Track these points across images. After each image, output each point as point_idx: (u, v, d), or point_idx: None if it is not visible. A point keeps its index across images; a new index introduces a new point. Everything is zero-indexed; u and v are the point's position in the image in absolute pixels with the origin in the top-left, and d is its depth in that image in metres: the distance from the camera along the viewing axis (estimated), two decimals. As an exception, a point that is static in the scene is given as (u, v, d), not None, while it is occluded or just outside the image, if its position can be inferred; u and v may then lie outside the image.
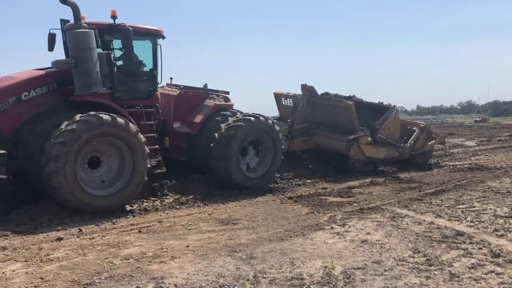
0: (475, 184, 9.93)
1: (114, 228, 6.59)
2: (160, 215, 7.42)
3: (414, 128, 13.57)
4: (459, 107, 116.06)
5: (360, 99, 13.21)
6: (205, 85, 10.90)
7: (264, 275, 4.48)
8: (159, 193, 8.74)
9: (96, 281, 4.36)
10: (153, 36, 9.18)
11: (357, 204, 8.00)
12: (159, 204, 8.11)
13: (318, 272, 4.58)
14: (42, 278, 4.46)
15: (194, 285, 4.24)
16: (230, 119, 9.56)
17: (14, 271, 4.73)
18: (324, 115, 12.73)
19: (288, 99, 13.71)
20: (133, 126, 7.77)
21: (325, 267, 4.71)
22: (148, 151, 7.97)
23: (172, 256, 5.12)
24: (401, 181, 10.74)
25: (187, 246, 5.52)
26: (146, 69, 9.28)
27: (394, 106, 13.07)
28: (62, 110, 7.92)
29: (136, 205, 8.01)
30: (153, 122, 9.01)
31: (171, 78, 10.82)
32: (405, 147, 12.78)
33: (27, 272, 4.67)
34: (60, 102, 8.16)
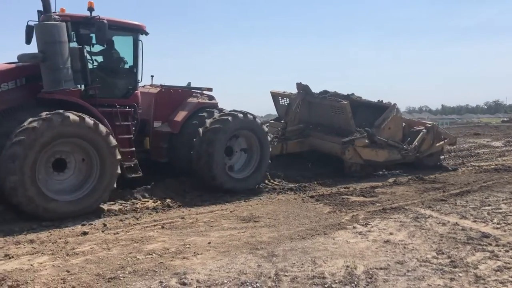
0: (502, 185, 9.72)
1: (137, 223, 6.68)
2: (183, 212, 7.50)
3: (420, 128, 12.69)
4: (485, 107, 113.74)
5: (359, 98, 12.49)
6: (189, 84, 10.31)
7: (286, 273, 4.49)
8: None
9: (120, 275, 4.44)
10: (134, 31, 8.69)
11: (379, 204, 7.93)
12: (181, 201, 8.18)
13: (340, 271, 4.57)
14: (68, 271, 4.56)
15: (216, 281, 4.28)
16: (216, 114, 9.09)
17: (41, 263, 4.85)
18: (320, 116, 12.04)
19: (284, 98, 12.99)
20: (103, 128, 7.23)
21: (347, 266, 4.68)
22: (119, 155, 7.40)
23: (194, 252, 5.17)
24: (425, 181, 10.58)
25: (209, 243, 5.56)
26: (126, 66, 8.81)
27: (394, 104, 12.14)
28: (30, 107, 7.41)
29: (158, 202, 8.07)
30: (130, 123, 8.44)
31: (152, 76, 10.25)
32: (409, 149, 11.96)
33: (53, 265, 4.78)
34: (29, 99, 7.62)
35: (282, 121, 12.11)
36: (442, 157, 13.53)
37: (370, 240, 5.68)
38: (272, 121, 13.43)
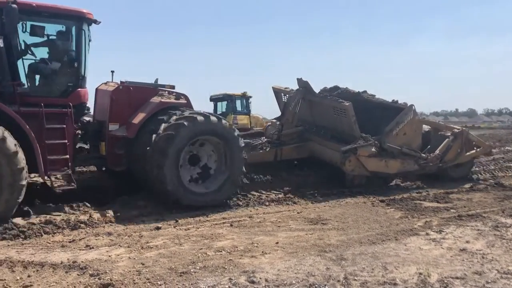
0: None
1: (207, 220, 6.86)
2: (250, 211, 7.59)
3: (447, 134, 10.81)
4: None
5: (371, 96, 10.68)
6: (156, 80, 8.87)
7: (355, 278, 4.40)
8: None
9: (192, 270, 4.57)
10: (75, 19, 7.49)
11: (455, 211, 7.55)
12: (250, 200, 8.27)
13: (413, 278, 4.40)
14: (143, 264, 4.77)
15: (285, 282, 4.28)
16: (172, 118, 7.63)
17: (118, 255, 5.12)
18: (323, 117, 10.51)
19: (287, 95, 11.28)
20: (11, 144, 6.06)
21: (420, 273, 4.51)
22: (23, 165, 6.19)
23: (262, 252, 5.21)
24: (505, 188, 9.92)
25: (277, 243, 5.58)
26: (65, 60, 7.57)
27: (411, 106, 10.14)
28: None
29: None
30: (64, 126, 7.17)
31: (112, 72, 8.82)
32: (429, 158, 10.11)
33: (129, 257, 5.03)
34: None
35: (278, 122, 10.73)
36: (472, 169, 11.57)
37: (444, 248, 5.42)
38: (274, 120, 11.68)
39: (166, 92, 8.48)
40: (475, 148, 11.15)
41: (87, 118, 8.23)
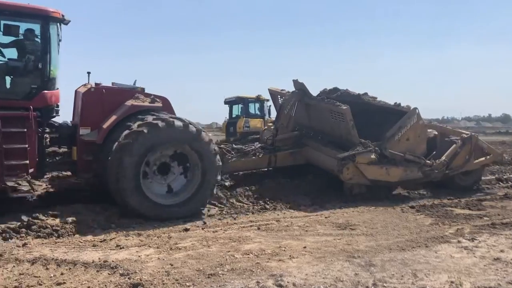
0: None
1: (235, 223, 6.89)
2: (278, 215, 7.58)
3: (455, 139, 10.02)
4: None
5: (372, 99, 9.97)
6: (134, 83, 8.37)
7: (384, 284, 4.34)
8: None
9: (219, 272, 4.60)
10: (40, 18, 7.17)
11: (488, 218, 7.34)
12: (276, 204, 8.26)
13: (444, 286, 4.31)
14: (171, 265, 4.83)
15: (312, 286, 4.26)
16: (134, 125, 7.08)
17: (148, 255, 5.20)
18: (320, 121, 9.89)
19: (283, 97, 10.75)
20: None
21: (452, 282, 4.41)
22: None
23: (290, 256, 5.20)
24: (542, 196, 9.59)
25: (305, 247, 5.56)
26: (29, 61, 7.22)
27: (415, 109, 9.42)
28: None
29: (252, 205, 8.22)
30: (25, 130, 6.75)
31: (88, 73, 8.35)
32: (435, 165, 9.32)
33: (158, 258, 5.10)
34: None
35: (272, 127, 10.23)
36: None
37: (477, 257, 5.28)
38: (270, 124, 11.15)
39: (142, 95, 7.92)
40: (485, 155, 10.33)
41: (59, 121, 7.87)
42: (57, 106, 7.71)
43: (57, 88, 7.64)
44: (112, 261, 4.91)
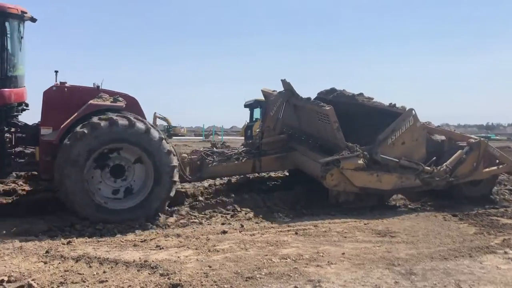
0: None
1: (272, 227, 6.89)
2: (316, 220, 7.52)
3: (462, 144, 9.13)
4: None
5: (367, 99, 9.19)
6: (101, 83, 8.06)
7: (426, 294, 4.23)
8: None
9: (257, 276, 4.61)
10: None
11: (537, 229, 7.02)
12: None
13: (489, 299, 4.16)
14: (210, 266, 4.88)
15: (351, 293, 4.20)
16: (79, 127, 6.79)
17: (187, 256, 5.27)
18: (309, 124, 9.21)
19: (270, 98, 10.07)
20: None
21: (498, 294, 4.24)
22: None
23: (328, 261, 5.14)
24: None
25: (343, 254, 5.49)
26: None
27: (411, 110, 8.48)
28: None
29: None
30: None
31: (56, 72, 8.00)
32: (435, 172, 8.49)
33: (197, 259, 5.16)
34: None
35: (257, 130, 9.84)
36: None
37: (525, 269, 5.07)
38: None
39: (107, 94, 7.52)
40: (497, 164, 9.27)
41: (23, 121, 7.77)
42: (23, 105, 7.73)
43: (23, 87, 7.64)
44: (152, 261, 5.01)
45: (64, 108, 7.27)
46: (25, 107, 7.89)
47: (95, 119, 6.79)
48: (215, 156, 9.17)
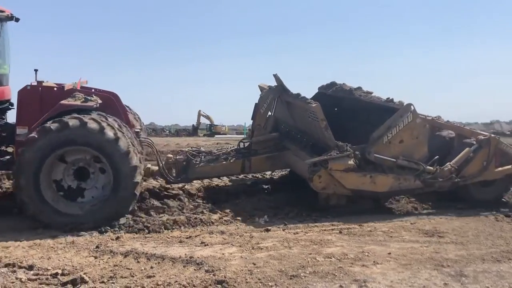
0: None
1: (316, 226, 6.83)
2: (360, 219, 7.39)
3: (470, 141, 8.36)
4: None
5: (365, 94, 8.61)
6: (79, 80, 8.05)
7: (478, 297, 4.08)
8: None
9: (301, 274, 4.59)
10: None
11: None
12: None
13: (547, 304, 3.96)
14: (254, 264, 4.90)
15: (398, 294, 4.11)
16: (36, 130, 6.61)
17: (231, 253, 5.32)
18: (302, 121, 8.62)
19: (260, 94, 9.56)
20: None
21: (556, 299, 4.04)
22: None
23: (374, 261, 5.05)
24: None
25: (389, 253, 5.37)
26: None
27: (409, 105, 7.75)
28: None
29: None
30: None
31: (35, 71, 7.88)
32: (438, 172, 7.84)
33: (241, 256, 5.20)
34: None
35: (248, 129, 9.65)
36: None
37: None
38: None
39: (79, 94, 7.34)
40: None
41: (4, 120, 7.78)
42: (7, 104, 7.80)
43: (4, 86, 7.72)
44: (198, 257, 5.09)
45: (38, 107, 7.20)
46: (10, 106, 7.93)
47: (48, 123, 6.56)
48: (202, 157, 8.82)
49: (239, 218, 7.13)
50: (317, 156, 7.58)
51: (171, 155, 8.86)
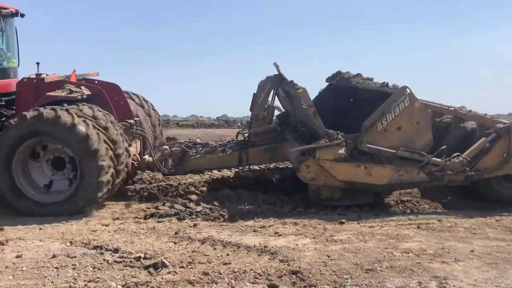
0: None
1: (391, 220, 6.63)
2: (439, 214, 7.08)
3: (489, 131, 7.36)
4: None
5: (365, 80, 7.98)
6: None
7: None
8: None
9: (377, 268, 4.50)
10: None
11: None
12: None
13: None
14: (328, 256, 4.88)
15: (483, 294, 3.91)
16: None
17: (305, 244, 5.33)
18: (298, 111, 8.15)
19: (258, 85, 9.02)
20: None
21: None
22: None
23: (455, 258, 4.83)
24: None
25: (472, 251, 5.10)
26: None
27: (404, 88, 6.98)
28: None
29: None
30: None
31: (37, 63, 8.22)
32: (448, 164, 7.03)
33: (315, 248, 5.19)
34: None
35: (247, 120, 8.95)
36: None
37: None
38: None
39: (74, 85, 7.57)
40: None
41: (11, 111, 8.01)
42: (14, 95, 7.98)
43: (11, 78, 8.07)
44: (272, 247, 5.15)
45: (33, 99, 7.42)
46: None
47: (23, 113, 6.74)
48: (199, 148, 8.62)
49: (312, 209, 7.08)
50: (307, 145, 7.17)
51: (167, 147, 8.78)
